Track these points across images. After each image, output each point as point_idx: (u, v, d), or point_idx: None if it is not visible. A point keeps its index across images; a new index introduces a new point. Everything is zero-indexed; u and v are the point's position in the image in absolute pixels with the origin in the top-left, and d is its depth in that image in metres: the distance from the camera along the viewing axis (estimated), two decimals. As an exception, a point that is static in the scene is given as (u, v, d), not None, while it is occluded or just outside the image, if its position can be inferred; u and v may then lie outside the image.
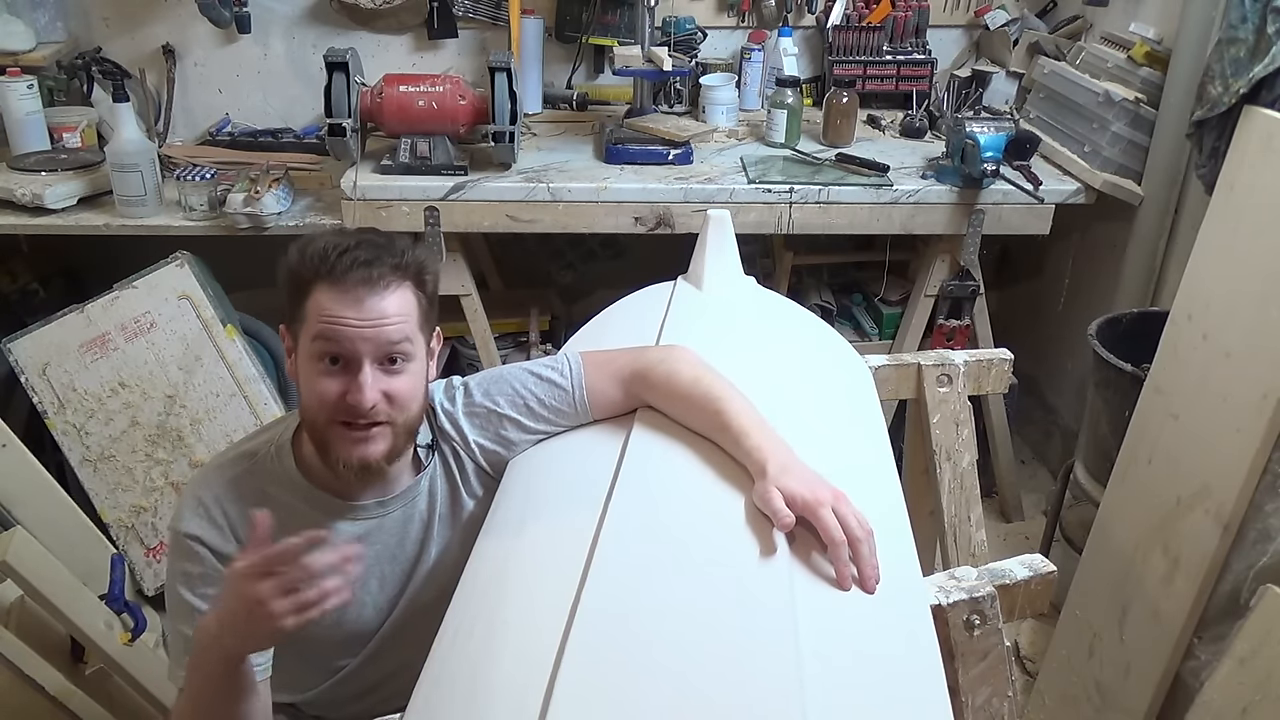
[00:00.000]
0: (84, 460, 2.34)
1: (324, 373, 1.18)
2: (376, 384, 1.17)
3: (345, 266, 1.16)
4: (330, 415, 1.18)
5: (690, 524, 1.11)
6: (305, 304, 1.18)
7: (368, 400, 1.16)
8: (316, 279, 1.17)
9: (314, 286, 1.17)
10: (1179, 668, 1.79)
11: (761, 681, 0.89)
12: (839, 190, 2.42)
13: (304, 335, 1.19)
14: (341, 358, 1.17)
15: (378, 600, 1.32)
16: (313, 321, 1.17)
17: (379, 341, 1.17)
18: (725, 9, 2.98)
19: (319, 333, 1.17)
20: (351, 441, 1.19)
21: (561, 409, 1.33)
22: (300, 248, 1.20)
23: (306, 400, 1.21)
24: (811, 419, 1.35)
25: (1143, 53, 2.43)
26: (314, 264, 1.17)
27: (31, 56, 2.67)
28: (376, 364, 1.18)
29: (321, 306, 1.16)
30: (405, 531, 1.32)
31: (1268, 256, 1.67)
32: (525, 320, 2.93)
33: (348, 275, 1.16)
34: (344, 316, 1.16)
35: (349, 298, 1.16)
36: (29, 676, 1.69)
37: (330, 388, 1.17)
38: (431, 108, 2.35)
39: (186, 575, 1.24)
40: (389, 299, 1.18)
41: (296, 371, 1.23)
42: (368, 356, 1.17)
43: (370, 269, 1.16)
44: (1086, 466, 2.26)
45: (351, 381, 1.17)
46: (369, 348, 1.17)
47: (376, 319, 1.16)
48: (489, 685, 0.94)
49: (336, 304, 1.16)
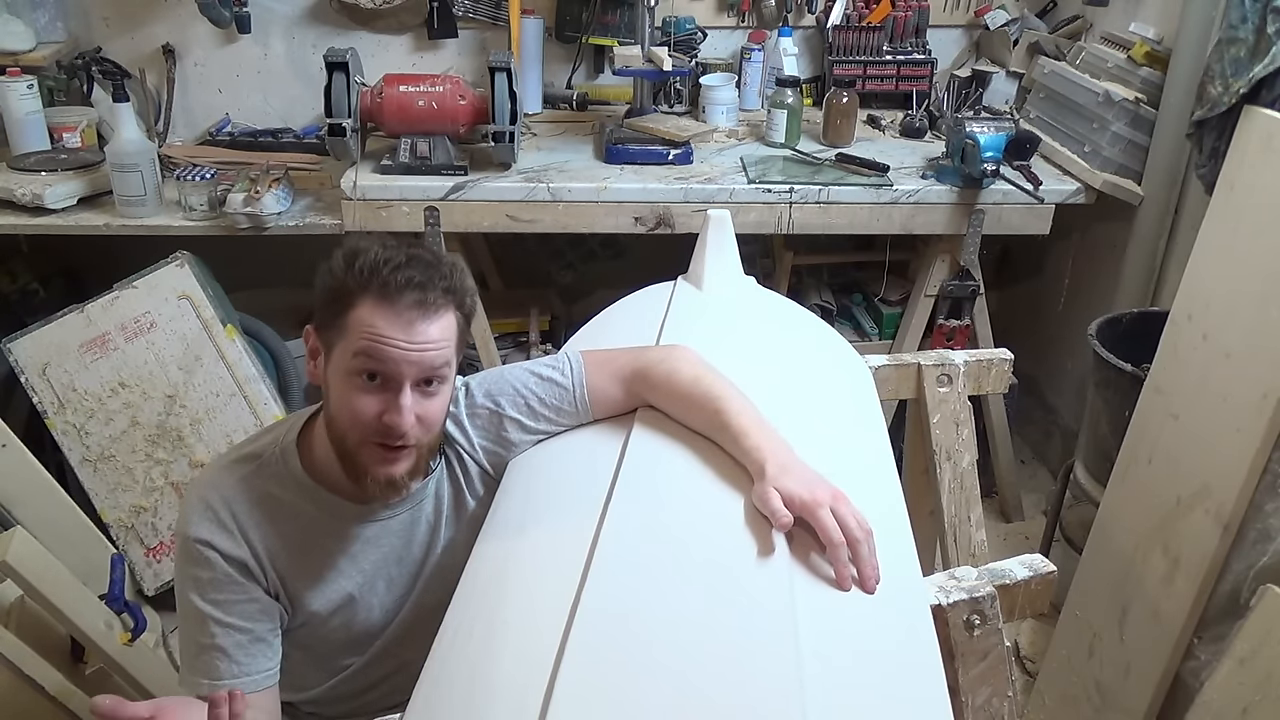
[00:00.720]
0: (84, 460, 2.34)
1: (361, 388, 1.16)
2: (414, 407, 1.16)
3: (399, 285, 1.13)
4: (363, 434, 1.17)
5: (690, 524, 1.11)
6: (348, 315, 1.15)
7: (406, 423, 1.15)
8: (365, 292, 1.14)
9: (361, 300, 1.14)
10: (1179, 668, 1.79)
11: (761, 681, 0.89)
12: (839, 190, 2.42)
13: (342, 346, 1.16)
14: (382, 376, 1.15)
15: (384, 601, 1.33)
16: (355, 335, 1.14)
17: (423, 366, 1.15)
18: (725, 9, 2.98)
19: (363, 349, 1.14)
20: (382, 461, 1.18)
21: (562, 408, 1.33)
22: (348, 257, 1.16)
23: (338, 413, 1.19)
24: (811, 419, 1.35)
25: (1143, 53, 2.43)
26: (364, 276, 1.14)
27: (31, 56, 2.67)
28: (415, 387, 1.16)
29: (368, 322, 1.13)
30: (412, 534, 1.32)
31: (1268, 256, 1.67)
32: (525, 320, 2.93)
33: (401, 296, 1.13)
34: (393, 338, 1.13)
35: (401, 320, 1.13)
36: (29, 676, 1.70)
37: (368, 406, 1.15)
38: (431, 108, 2.35)
39: (197, 581, 1.23)
40: (436, 324, 1.16)
41: (324, 377, 1.21)
42: (409, 379, 1.15)
43: (424, 292, 1.14)
44: (1086, 466, 2.26)
45: (392, 402, 1.15)
46: (413, 371, 1.15)
47: (424, 344, 1.14)
48: (489, 685, 0.94)
49: (387, 324, 1.13)
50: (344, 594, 1.30)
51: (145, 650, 1.89)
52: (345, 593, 1.30)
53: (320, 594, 1.28)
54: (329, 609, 1.29)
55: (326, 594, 1.28)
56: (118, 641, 1.83)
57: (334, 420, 1.21)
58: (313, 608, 1.28)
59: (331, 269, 1.18)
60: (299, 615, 1.29)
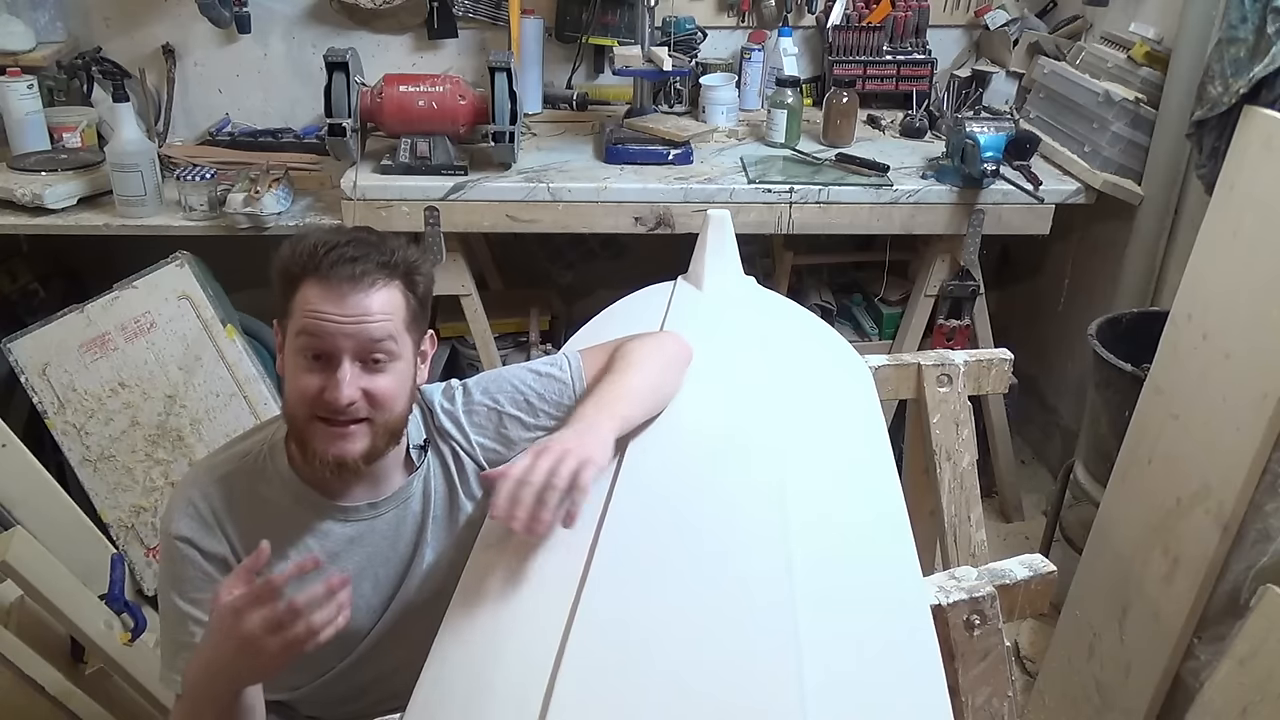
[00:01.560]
0: (84, 460, 2.34)
1: (305, 368, 1.18)
2: (355, 381, 1.17)
3: (331, 262, 1.16)
4: (309, 410, 1.18)
5: (690, 524, 1.11)
6: (293, 299, 1.18)
7: (344, 397, 1.16)
8: (304, 274, 1.17)
9: (301, 282, 1.17)
10: (1179, 668, 1.79)
11: (762, 682, 0.89)
12: (839, 190, 2.42)
13: (290, 329, 1.19)
14: (322, 354, 1.17)
15: (370, 602, 1.32)
16: (297, 316, 1.17)
17: (360, 339, 1.17)
18: (725, 9, 2.98)
19: (302, 327, 1.17)
20: (329, 437, 1.19)
21: (562, 402, 1.33)
22: (292, 243, 1.20)
23: (288, 395, 1.21)
24: (811, 419, 1.35)
25: (1143, 53, 2.43)
26: (302, 260, 1.17)
27: (31, 56, 2.67)
28: (358, 362, 1.17)
29: (306, 301, 1.17)
30: (398, 533, 1.31)
31: (1268, 256, 1.67)
32: (525, 320, 2.93)
33: (333, 271, 1.16)
34: (326, 312, 1.15)
35: (333, 294, 1.16)
36: (29, 676, 1.69)
37: (310, 383, 1.17)
38: (431, 108, 2.35)
39: (177, 579, 1.24)
40: (374, 296, 1.17)
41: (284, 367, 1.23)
42: (348, 353, 1.17)
43: (355, 265, 1.16)
44: (1086, 466, 2.26)
45: (330, 378, 1.16)
46: (350, 344, 1.16)
47: (359, 315, 1.16)
48: (489, 685, 0.94)
49: (320, 299, 1.16)
50: None
51: (145, 650, 1.89)
52: None
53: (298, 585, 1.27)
54: None
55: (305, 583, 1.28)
56: (118, 641, 1.83)
57: (286, 403, 1.22)
58: None
59: (279, 257, 1.20)
60: None
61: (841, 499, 1.19)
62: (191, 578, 1.23)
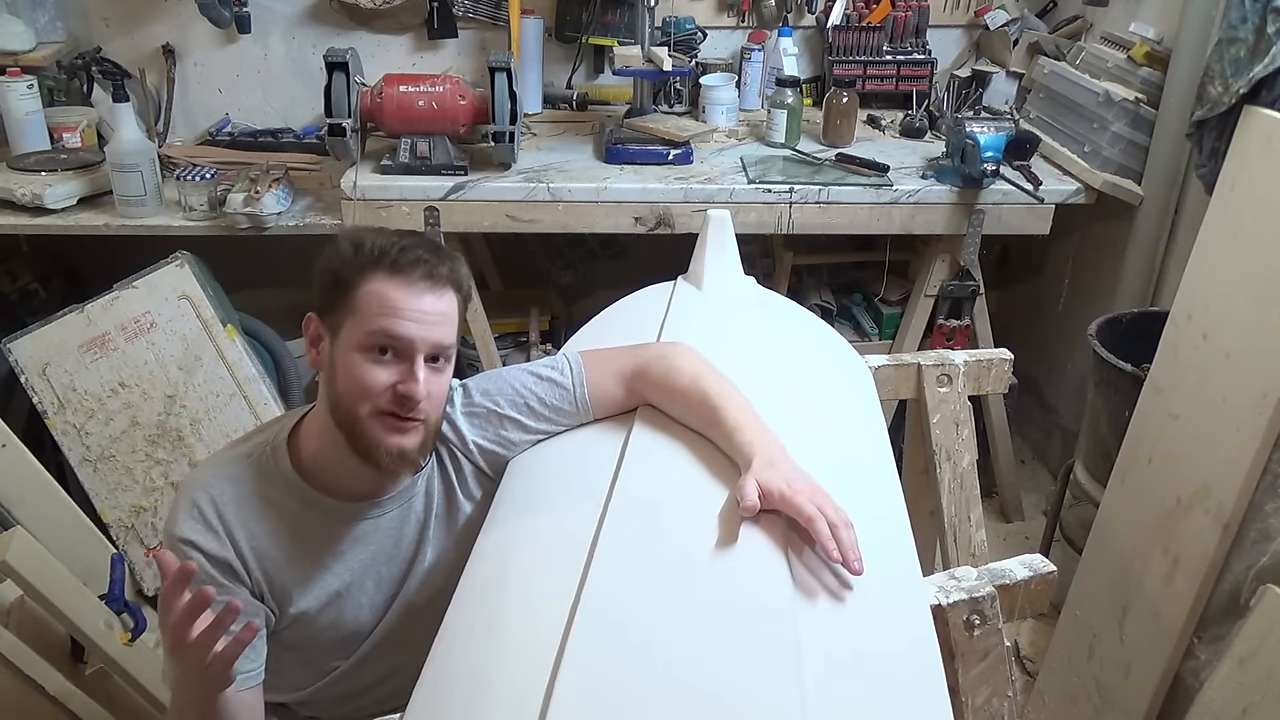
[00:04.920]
0: (84, 460, 2.34)
1: (375, 361, 1.18)
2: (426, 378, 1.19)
3: (410, 261, 1.18)
4: (376, 405, 1.19)
5: (690, 524, 1.11)
6: (355, 293, 1.18)
7: (421, 391, 1.18)
8: (376, 269, 1.18)
9: (371, 277, 1.18)
10: (1179, 668, 1.79)
11: (762, 681, 0.89)
12: (839, 190, 2.42)
13: (351, 324, 1.19)
14: (395, 349, 1.18)
15: (374, 601, 1.32)
16: (367, 311, 1.18)
17: (432, 339, 1.19)
18: (725, 9, 2.98)
19: (379, 324, 1.17)
20: (395, 430, 1.20)
21: (563, 408, 1.33)
22: (354, 241, 1.21)
23: (348, 389, 1.20)
24: (811, 419, 1.35)
25: (1143, 53, 2.43)
26: (375, 255, 1.18)
27: (31, 56, 2.66)
28: (426, 360, 1.20)
29: (381, 295, 1.17)
30: (401, 533, 1.32)
31: (1268, 256, 1.67)
32: (525, 320, 2.93)
33: (414, 269, 1.18)
34: (408, 309, 1.17)
35: (413, 291, 1.18)
36: (29, 676, 1.69)
37: (380, 377, 1.18)
38: (431, 108, 2.35)
39: None
40: (444, 300, 1.21)
41: (329, 362, 1.22)
42: (422, 350, 1.19)
43: (433, 267, 1.20)
44: (1086, 466, 2.26)
45: (407, 372, 1.18)
46: (425, 344, 1.19)
47: (436, 315, 1.20)
48: (489, 685, 0.94)
49: (402, 295, 1.18)
50: (331, 592, 1.29)
51: (145, 650, 1.89)
52: (333, 591, 1.29)
53: (308, 593, 1.28)
54: (317, 608, 1.29)
55: (314, 593, 1.28)
56: (118, 641, 1.83)
57: (341, 398, 1.21)
58: (301, 607, 1.28)
59: (338, 251, 1.21)
60: (287, 615, 1.28)
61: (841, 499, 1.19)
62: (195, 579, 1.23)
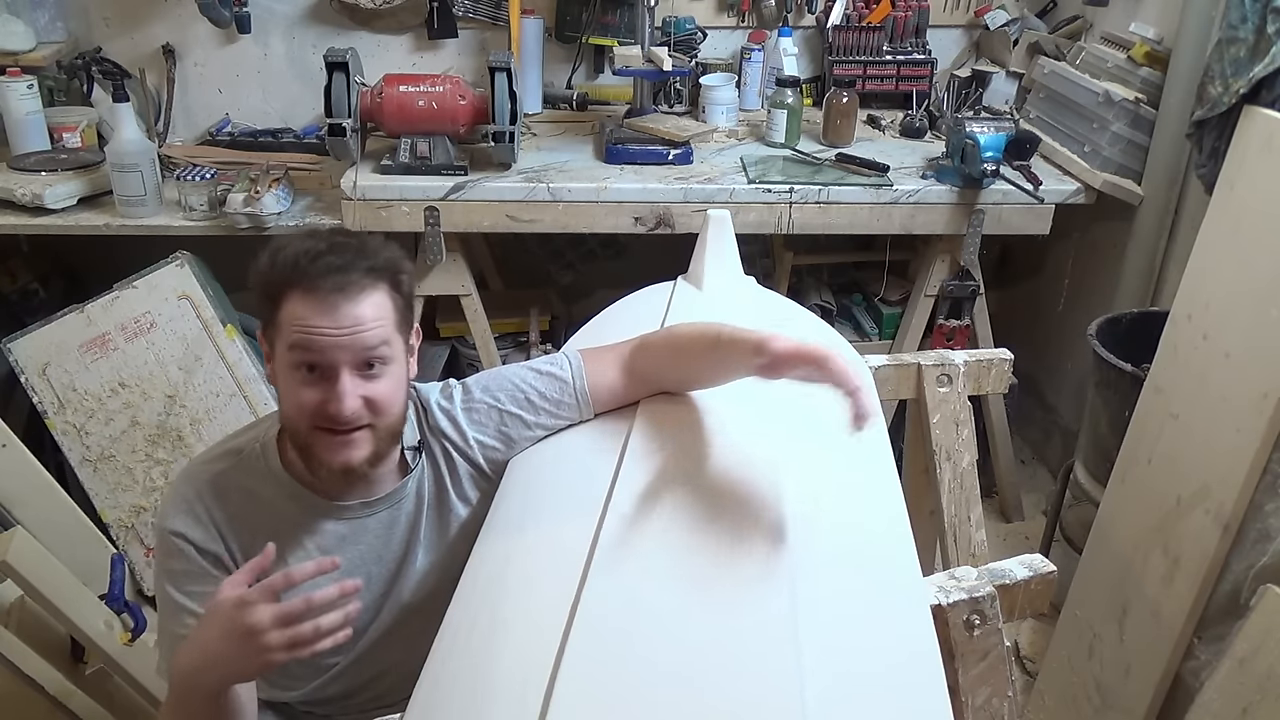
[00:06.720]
0: (84, 460, 2.34)
1: (302, 381, 1.16)
2: (355, 390, 1.16)
3: (318, 273, 1.14)
4: (311, 423, 1.17)
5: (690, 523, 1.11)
6: (279, 312, 1.16)
7: (347, 409, 1.15)
8: (289, 286, 1.15)
9: (287, 294, 1.15)
10: (1179, 668, 1.79)
11: (762, 681, 0.89)
12: (839, 190, 2.42)
13: (279, 343, 1.17)
14: (318, 366, 1.15)
15: (364, 600, 1.32)
16: (287, 330, 1.15)
17: (355, 349, 1.15)
18: (725, 9, 2.98)
19: (294, 342, 1.15)
20: (334, 446, 1.18)
21: (563, 400, 1.33)
22: (271, 254, 1.18)
23: (286, 408, 1.20)
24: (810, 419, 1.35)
25: (1143, 53, 2.43)
26: (285, 271, 1.15)
27: (31, 56, 2.67)
28: (355, 370, 1.16)
29: (295, 315, 1.14)
30: (390, 533, 1.31)
31: (1268, 256, 1.67)
32: (525, 320, 2.93)
33: (321, 282, 1.13)
34: (319, 326, 1.13)
35: (323, 305, 1.13)
36: (29, 676, 1.69)
37: (309, 396, 1.16)
38: (431, 108, 2.35)
39: (171, 573, 1.24)
40: (364, 304, 1.15)
41: (275, 376, 1.22)
42: (345, 365, 1.15)
43: (344, 275, 1.14)
44: (1086, 466, 2.26)
45: (330, 390, 1.15)
46: (346, 356, 1.15)
47: (352, 326, 1.14)
48: (489, 685, 0.94)
49: (311, 313, 1.14)
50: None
51: (145, 650, 1.89)
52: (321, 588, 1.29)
53: (296, 591, 1.28)
54: None
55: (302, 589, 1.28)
56: (118, 641, 1.83)
57: (285, 416, 1.22)
58: None
59: (259, 266, 1.18)
60: None
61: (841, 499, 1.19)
62: (186, 572, 1.24)
